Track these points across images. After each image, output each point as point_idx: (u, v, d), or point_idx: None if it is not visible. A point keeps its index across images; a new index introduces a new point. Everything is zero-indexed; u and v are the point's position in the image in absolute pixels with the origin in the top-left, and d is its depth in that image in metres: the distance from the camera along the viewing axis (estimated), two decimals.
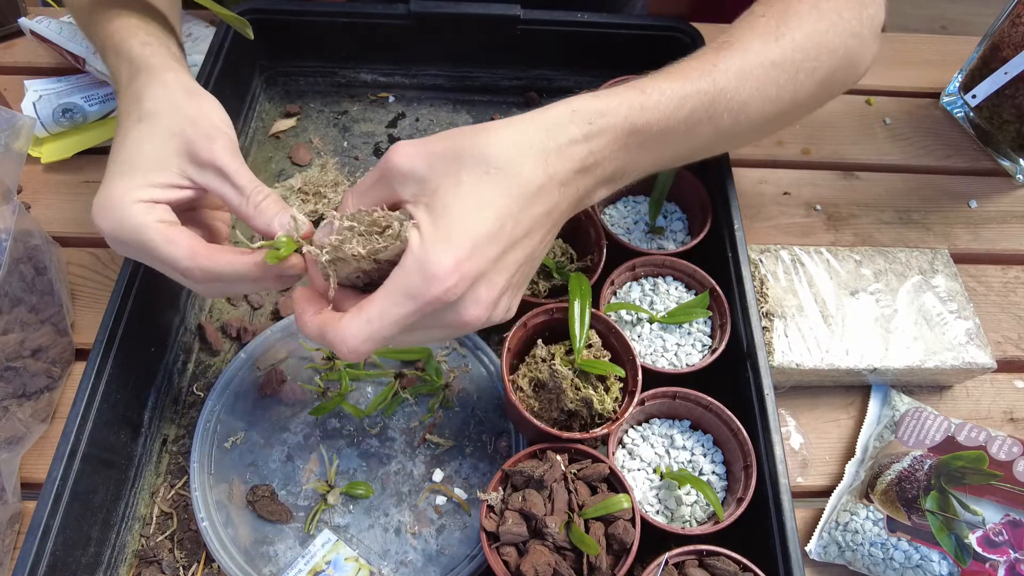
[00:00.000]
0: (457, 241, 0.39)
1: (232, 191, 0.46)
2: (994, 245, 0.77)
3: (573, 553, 0.48)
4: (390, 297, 0.39)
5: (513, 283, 0.43)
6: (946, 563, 0.53)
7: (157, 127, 0.46)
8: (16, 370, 0.57)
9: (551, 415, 0.54)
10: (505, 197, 0.40)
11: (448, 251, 0.38)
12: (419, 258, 0.38)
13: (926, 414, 0.61)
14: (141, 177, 0.45)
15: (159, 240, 0.43)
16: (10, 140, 0.57)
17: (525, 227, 0.41)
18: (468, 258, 0.39)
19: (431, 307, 0.39)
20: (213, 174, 0.46)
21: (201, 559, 0.55)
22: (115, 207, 0.44)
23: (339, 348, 0.40)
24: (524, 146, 0.41)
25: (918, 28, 1.04)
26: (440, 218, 0.39)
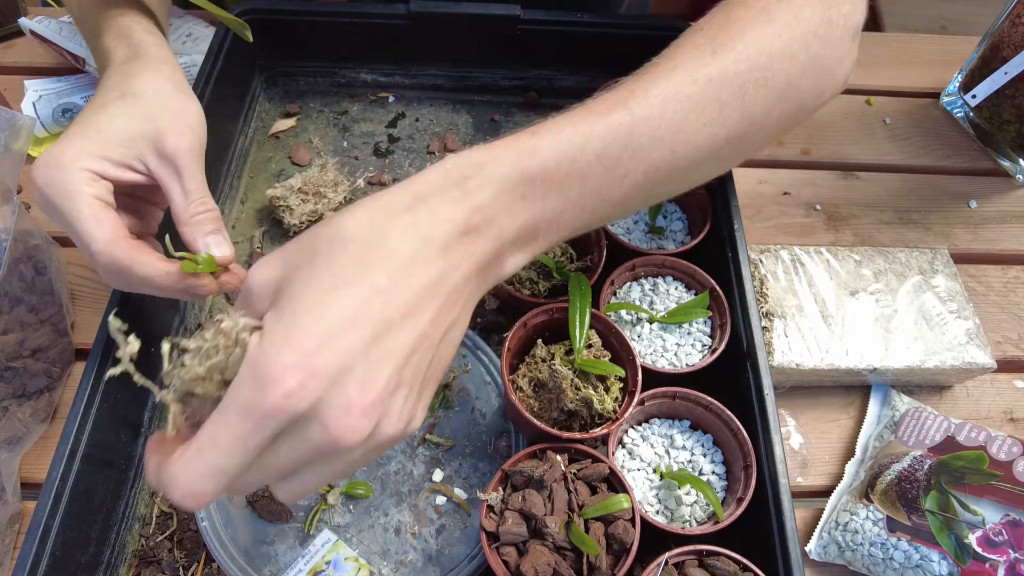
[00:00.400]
0: (301, 333, 0.31)
1: (179, 191, 0.46)
2: (994, 245, 0.77)
3: (573, 553, 0.48)
4: (222, 418, 0.31)
5: (407, 379, 0.34)
6: (946, 563, 0.53)
7: (136, 107, 0.46)
8: (16, 370, 0.57)
9: (551, 415, 0.54)
10: (366, 272, 0.33)
11: (287, 346, 0.31)
12: (253, 362, 0.31)
13: (926, 414, 0.61)
14: (99, 147, 0.44)
15: (87, 214, 0.42)
16: (10, 140, 0.57)
17: (401, 305, 0.33)
18: (316, 351, 0.31)
19: (273, 421, 0.30)
20: (169, 169, 0.46)
21: (201, 559, 0.55)
22: (59, 166, 0.43)
23: (172, 493, 0.32)
24: (388, 213, 0.35)
25: (918, 28, 1.04)
26: (284, 312, 0.32)
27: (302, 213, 0.70)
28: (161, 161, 0.46)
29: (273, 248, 0.71)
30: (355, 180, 0.76)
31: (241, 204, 0.74)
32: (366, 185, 0.76)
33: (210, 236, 0.46)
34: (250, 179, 0.76)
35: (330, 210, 0.72)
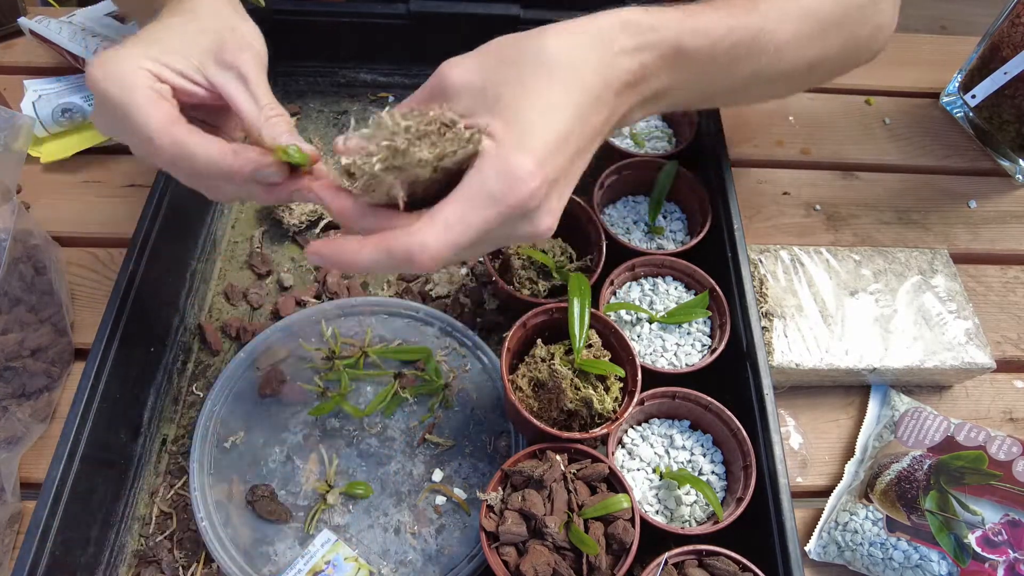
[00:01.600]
0: (534, 144, 0.37)
1: (247, 98, 0.44)
2: (993, 245, 0.77)
3: (573, 553, 0.48)
4: (470, 202, 0.37)
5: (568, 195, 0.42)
6: (945, 563, 0.53)
7: (194, 23, 0.45)
8: (16, 370, 0.57)
9: (551, 415, 0.54)
10: (572, 101, 0.39)
11: (528, 154, 0.37)
12: (500, 161, 0.37)
13: (925, 414, 0.61)
14: (158, 53, 0.43)
15: (142, 102, 0.40)
16: (10, 140, 0.57)
17: (589, 135, 0.40)
18: (546, 162, 0.37)
19: (513, 212, 0.37)
20: (233, 78, 0.44)
21: (200, 559, 0.55)
22: (119, 62, 0.41)
23: (417, 257, 0.36)
24: (582, 50, 0.40)
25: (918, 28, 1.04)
26: (512, 124, 0.37)
27: (301, 213, 0.70)
28: (223, 71, 0.44)
29: (273, 248, 0.71)
30: None
31: (240, 204, 0.74)
32: None
33: (287, 136, 0.43)
34: None
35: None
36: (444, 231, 0.36)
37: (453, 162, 0.37)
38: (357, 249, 0.38)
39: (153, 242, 0.58)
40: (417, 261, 0.37)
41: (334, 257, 0.39)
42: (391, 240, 0.37)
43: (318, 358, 0.63)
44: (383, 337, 0.64)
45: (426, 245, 0.36)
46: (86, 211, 0.73)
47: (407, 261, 0.37)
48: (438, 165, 0.37)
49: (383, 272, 0.38)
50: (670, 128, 0.75)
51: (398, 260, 0.37)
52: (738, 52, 0.48)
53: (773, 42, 0.50)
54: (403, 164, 0.36)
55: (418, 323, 0.65)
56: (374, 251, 0.37)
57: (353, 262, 0.38)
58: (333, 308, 0.64)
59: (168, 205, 0.61)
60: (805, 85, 0.61)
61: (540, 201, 0.38)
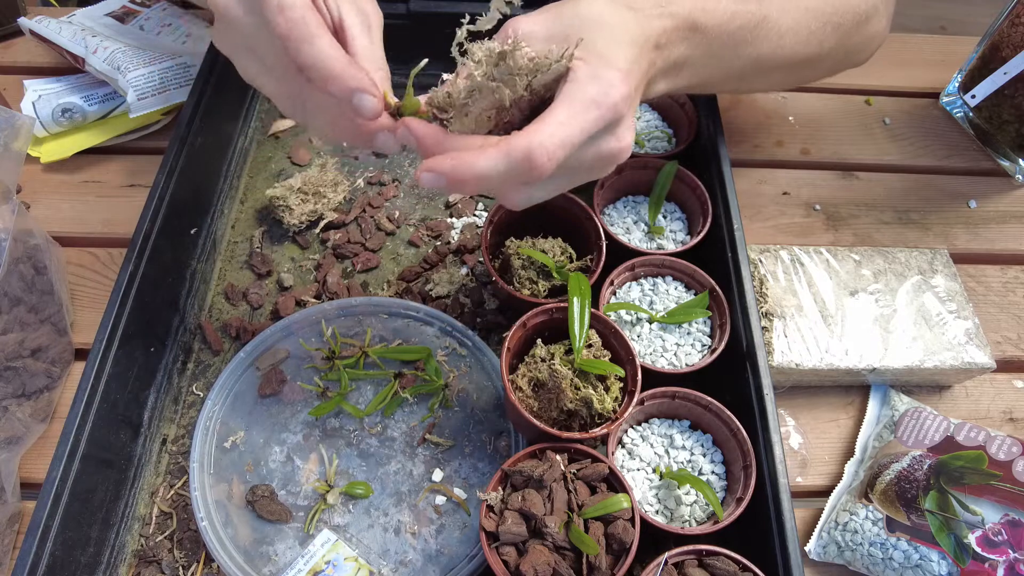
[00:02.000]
0: (617, 63, 0.42)
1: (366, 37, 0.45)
2: (993, 245, 0.77)
3: (572, 553, 0.48)
4: (573, 106, 0.40)
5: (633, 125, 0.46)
6: (945, 563, 0.53)
7: None
8: (16, 370, 0.57)
9: (550, 415, 0.54)
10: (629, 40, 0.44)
11: (614, 68, 0.41)
12: (592, 71, 0.41)
13: (925, 414, 0.61)
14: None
15: None
16: (10, 140, 0.57)
17: (640, 75, 0.45)
18: (629, 75, 0.42)
19: (609, 117, 0.41)
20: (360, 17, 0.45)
21: (201, 559, 0.55)
22: None
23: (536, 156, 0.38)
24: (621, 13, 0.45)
25: (918, 28, 1.04)
26: (591, 52, 0.42)
27: (302, 213, 0.70)
28: (354, 7, 0.45)
29: (273, 248, 0.71)
30: (355, 180, 0.76)
31: (241, 204, 0.74)
32: (366, 185, 0.76)
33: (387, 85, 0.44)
34: (250, 179, 0.76)
35: (330, 210, 0.72)
36: (558, 128, 0.39)
37: (545, 81, 0.40)
38: (476, 156, 0.39)
39: (154, 242, 0.58)
40: (536, 160, 0.38)
41: (453, 167, 0.39)
42: (509, 143, 0.39)
43: (318, 358, 0.63)
44: (383, 337, 0.64)
45: (543, 143, 0.39)
46: (86, 211, 0.73)
47: (526, 161, 0.38)
48: (532, 81, 0.40)
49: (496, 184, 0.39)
50: (670, 128, 0.75)
51: (516, 162, 0.38)
52: (744, 35, 0.53)
53: (775, 30, 0.55)
54: (503, 74, 0.39)
55: (418, 323, 0.65)
56: (494, 154, 0.39)
57: (471, 168, 0.39)
58: (333, 308, 0.65)
59: (168, 205, 0.61)
60: (800, 80, 0.66)
61: (626, 110, 0.42)
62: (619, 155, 0.44)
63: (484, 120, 0.42)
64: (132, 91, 0.73)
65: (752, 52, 0.55)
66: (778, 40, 0.56)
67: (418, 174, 0.40)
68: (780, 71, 0.60)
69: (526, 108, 0.41)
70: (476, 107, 0.41)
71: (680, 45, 0.49)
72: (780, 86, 0.68)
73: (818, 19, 0.57)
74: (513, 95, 0.40)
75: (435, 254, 0.71)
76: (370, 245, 0.71)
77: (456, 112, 0.41)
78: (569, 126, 0.40)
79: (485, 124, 0.42)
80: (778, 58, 0.57)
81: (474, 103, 0.41)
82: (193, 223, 0.67)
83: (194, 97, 0.67)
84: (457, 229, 0.73)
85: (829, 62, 0.63)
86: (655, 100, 0.76)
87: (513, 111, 0.42)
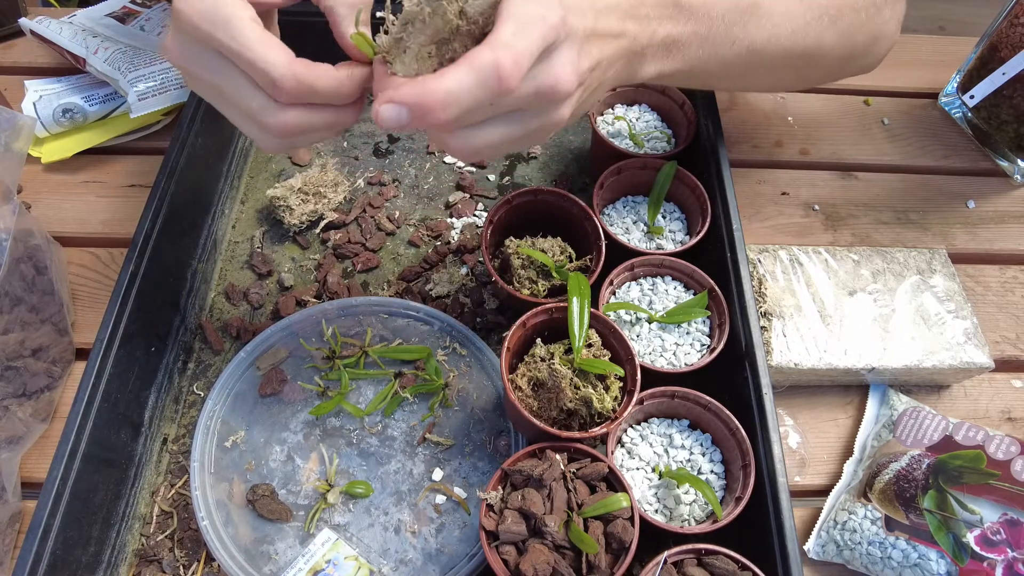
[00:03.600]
0: None
1: None
2: (992, 245, 0.77)
3: (572, 552, 0.48)
4: (517, 21, 0.37)
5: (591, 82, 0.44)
6: (944, 562, 0.54)
7: None
8: (17, 370, 0.57)
9: (550, 414, 0.54)
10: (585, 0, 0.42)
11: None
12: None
13: (924, 413, 0.61)
14: None
15: (254, 39, 0.38)
16: (10, 140, 0.57)
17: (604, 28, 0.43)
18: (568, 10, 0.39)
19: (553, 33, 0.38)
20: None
21: (201, 558, 0.55)
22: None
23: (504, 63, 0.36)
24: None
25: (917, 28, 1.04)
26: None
27: (302, 213, 0.70)
28: None
29: (273, 248, 0.71)
30: (355, 180, 0.76)
31: (241, 204, 0.74)
32: (366, 185, 0.76)
33: None
34: (250, 179, 0.76)
35: (330, 210, 0.72)
36: (513, 38, 0.37)
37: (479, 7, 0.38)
38: (438, 77, 0.36)
39: (154, 242, 0.58)
40: (504, 69, 0.36)
41: (415, 95, 0.37)
42: (471, 57, 0.37)
43: (318, 358, 0.63)
44: (383, 337, 0.65)
45: (509, 45, 0.36)
46: (87, 211, 0.73)
47: (494, 70, 0.36)
48: (464, 7, 0.38)
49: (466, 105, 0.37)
50: (669, 129, 0.75)
51: (484, 74, 0.36)
52: (733, 18, 0.52)
53: (767, 16, 0.54)
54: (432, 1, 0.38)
55: (418, 323, 0.65)
56: (458, 71, 0.36)
57: (437, 89, 0.36)
58: (333, 308, 0.65)
59: (169, 205, 0.61)
60: (805, 79, 0.64)
61: (567, 35, 0.39)
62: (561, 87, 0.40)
63: (425, 58, 0.40)
64: (133, 91, 0.73)
65: (746, 38, 0.54)
66: (772, 29, 0.55)
67: (376, 109, 0.38)
68: (781, 66, 0.59)
69: (470, 43, 0.39)
70: (413, 42, 0.39)
71: (666, 23, 0.49)
72: (785, 85, 0.67)
73: (812, 10, 0.57)
74: (444, 23, 0.38)
75: (435, 254, 0.71)
76: (370, 245, 0.71)
77: (395, 50, 0.40)
78: (523, 36, 0.37)
79: (428, 63, 0.40)
80: (775, 49, 0.56)
81: (409, 37, 0.39)
82: (194, 223, 0.67)
83: (195, 97, 0.68)
84: (457, 229, 0.73)
85: (832, 60, 0.62)
86: (655, 101, 0.76)
87: (455, 46, 0.40)
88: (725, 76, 0.57)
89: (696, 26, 0.51)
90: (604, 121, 0.74)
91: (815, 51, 0.59)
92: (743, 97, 0.88)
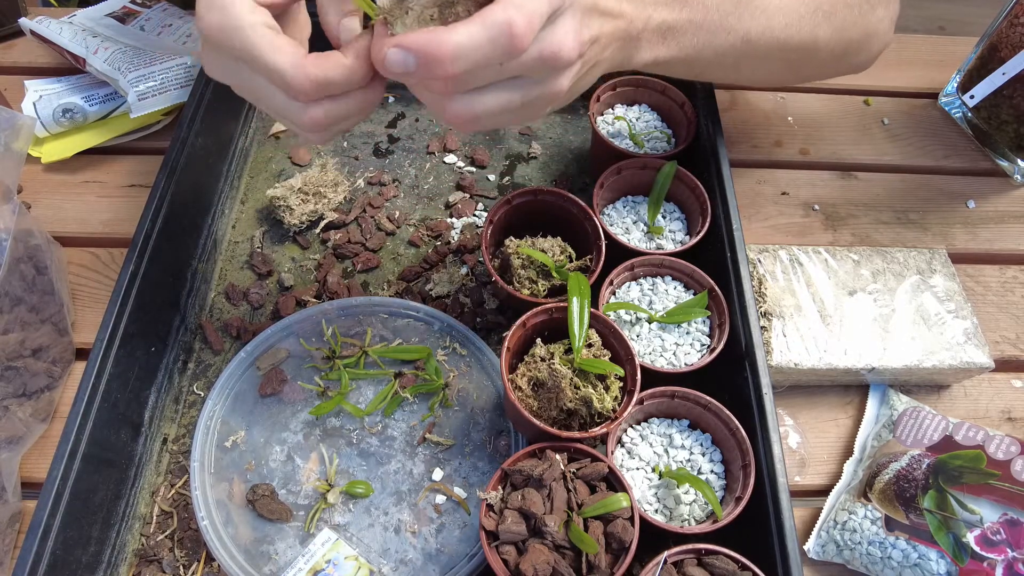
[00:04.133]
0: None
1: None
2: (992, 245, 0.77)
3: (572, 552, 0.48)
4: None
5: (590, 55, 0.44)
6: (944, 562, 0.54)
7: None
8: (16, 369, 0.57)
9: (550, 414, 0.54)
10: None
11: None
12: None
13: (924, 413, 0.61)
14: None
15: (265, 46, 0.39)
16: (10, 140, 0.57)
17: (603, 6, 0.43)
18: None
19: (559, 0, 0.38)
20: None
21: (201, 558, 0.55)
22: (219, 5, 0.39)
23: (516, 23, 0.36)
24: None
25: (916, 28, 1.04)
26: None
27: (302, 213, 0.70)
28: None
29: (273, 248, 0.71)
30: (355, 180, 0.76)
31: (241, 204, 0.74)
32: (366, 185, 0.76)
33: None
34: (250, 179, 0.76)
35: (330, 210, 0.72)
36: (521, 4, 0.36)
37: None
38: (450, 29, 0.36)
39: (154, 242, 0.58)
40: (517, 27, 0.36)
41: (425, 42, 0.36)
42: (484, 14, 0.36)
43: (318, 358, 0.63)
44: (383, 337, 0.65)
45: (521, 6, 0.36)
46: (87, 211, 0.73)
47: (506, 28, 0.36)
48: None
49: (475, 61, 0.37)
50: (669, 129, 0.75)
51: (496, 31, 0.36)
52: (729, 7, 0.53)
53: (762, 7, 0.55)
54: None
55: (418, 323, 0.65)
56: (470, 26, 0.36)
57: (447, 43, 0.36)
58: (333, 308, 0.65)
59: (169, 205, 0.61)
60: (799, 74, 0.65)
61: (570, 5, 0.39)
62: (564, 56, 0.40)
63: (427, 20, 0.39)
64: (133, 91, 0.73)
65: (741, 28, 0.54)
66: (766, 20, 0.55)
67: (381, 52, 0.37)
68: (775, 59, 0.59)
69: (472, 7, 0.38)
70: (416, 3, 0.39)
71: (661, 9, 0.49)
72: (780, 79, 0.67)
73: (807, 4, 0.57)
74: None
75: (435, 254, 0.71)
76: (370, 245, 0.71)
77: (397, 11, 0.39)
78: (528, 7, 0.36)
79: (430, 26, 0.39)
80: (769, 40, 0.56)
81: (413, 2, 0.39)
82: (194, 223, 0.67)
83: (195, 97, 0.68)
84: (457, 229, 0.73)
85: (826, 56, 0.62)
86: (655, 101, 0.76)
87: (458, 9, 0.39)
88: (719, 66, 0.57)
89: (691, 14, 0.51)
90: (604, 121, 0.74)
91: (809, 45, 0.59)
92: (743, 97, 0.88)
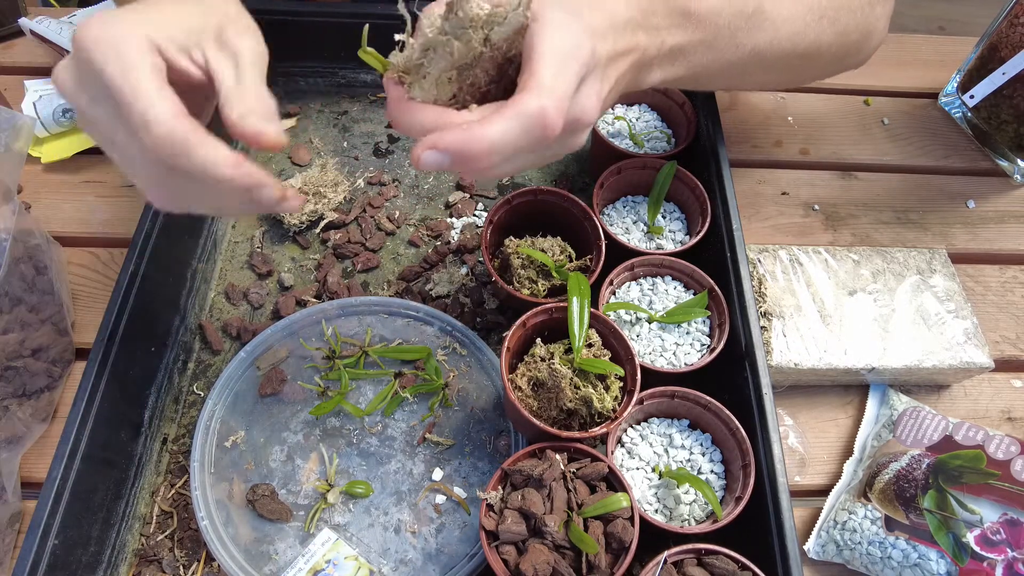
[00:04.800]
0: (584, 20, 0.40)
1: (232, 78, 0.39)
2: (992, 245, 0.77)
3: (572, 552, 0.48)
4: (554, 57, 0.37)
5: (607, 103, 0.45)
6: (944, 562, 0.54)
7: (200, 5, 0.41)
8: (16, 370, 0.57)
9: (550, 414, 0.54)
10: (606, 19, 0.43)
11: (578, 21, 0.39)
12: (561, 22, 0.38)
13: (924, 413, 0.61)
14: (160, 23, 0.38)
15: (148, 85, 0.35)
16: (10, 140, 0.57)
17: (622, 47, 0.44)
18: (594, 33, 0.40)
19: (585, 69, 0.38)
20: (228, 59, 0.40)
21: (201, 558, 0.55)
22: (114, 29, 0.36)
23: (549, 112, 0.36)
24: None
25: (916, 28, 1.04)
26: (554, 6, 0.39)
27: (302, 213, 0.70)
28: (220, 52, 0.40)
29: (273, 248, 0.71)
30: (355, 180, 0.76)
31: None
32: (366, 185, 0.76)
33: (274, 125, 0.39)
34: None
35: (330, 210, 0.72)
36: (555, 77, 0.37)
37: (504, 34, 0.37)
38: (484, 125, 0.36)
39: (154, 242, 0.58)
40: (550, 118, 0.36)
41: (461, 143, 0.36)
42: (517, 104, 0.36)
43: (318, 358, 0.63)
44: (383, 337, 0.65)
45: (552, 90, 0.36)
46: (87, 211, 0.73)
47: (539, 118, 0.36)
48: (489, 35, 0.37)
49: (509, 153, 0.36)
50: (669, 129, 0.75)
51: (530, 123, 0.36)
52: (739, 23, 0.52)
53: (771, 20, 0.54)
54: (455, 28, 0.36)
55: (418, 323, 0.65)
56: (503, 122, 0.36)
57: (483, 139, 0.36)
58: (333, 308, 0.65)
59: None
60: (799, 78, 0.65)
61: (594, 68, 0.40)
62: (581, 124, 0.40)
63: (445, 83, 0.38)
64: None
65: (749, 43, 0.54)
66: (774, 32, 0.55)
67: (417, 154, 0.36)
68: (779, 67, 0.60)
69: (492, 69, 0.38)
70: (434, 68, 0.38)
71: (675, 32, 0.49)
72: (780, 83, 0.67)
73: (812, 12, 0.57)
74: (468, 50, 0.37)
75: (435, 254, 0.71)
76: (370, 245, 0.71)
77: (414, 75, 0.38)
78: (563, 77, 0.37)
79: (448, 89, 0.39)
80: (776, 51, 0.56)
81: (431, 63, 0.38)
82: (194, 223, 0.67)
83: None
84: (457, 229, 0.73)
85: (827, 59, 0.63)
86: (655, 101, 0.76)
87: (477, 72, 0.38)
88: (723, 77, 0.58)
89: (703, 34, 0.51)
90: (604, 121, 0.74)
91: (813, 51, 0.59)
92: (743, 97, 0.88)
